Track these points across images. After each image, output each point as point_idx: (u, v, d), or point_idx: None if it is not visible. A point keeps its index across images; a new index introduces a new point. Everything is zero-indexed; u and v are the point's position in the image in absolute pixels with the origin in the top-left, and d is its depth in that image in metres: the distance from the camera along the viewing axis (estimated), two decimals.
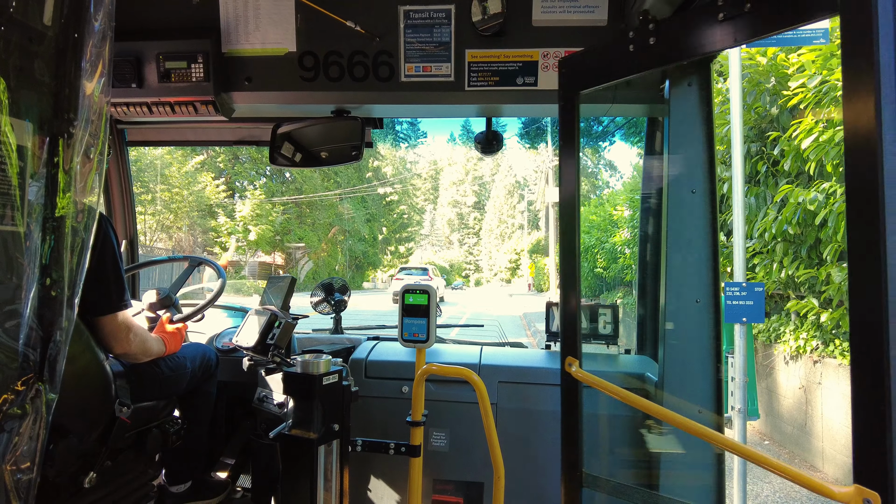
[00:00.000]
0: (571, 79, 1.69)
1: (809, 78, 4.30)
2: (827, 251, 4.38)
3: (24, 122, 0.97)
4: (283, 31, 1.98)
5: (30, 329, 0.99)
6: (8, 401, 0.95)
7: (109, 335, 1.70)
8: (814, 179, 4.62)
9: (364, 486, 2.17)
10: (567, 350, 1.67)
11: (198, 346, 2.23)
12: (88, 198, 1.10)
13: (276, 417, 2.19)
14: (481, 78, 1.95)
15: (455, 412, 2.12)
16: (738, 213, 3.45)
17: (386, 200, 46.37)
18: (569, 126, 1.69)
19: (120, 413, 1.77)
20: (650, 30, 1.51)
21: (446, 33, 1.94)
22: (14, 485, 0.96)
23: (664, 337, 1.80)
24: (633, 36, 1.54)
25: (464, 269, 64.49)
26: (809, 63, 4.33)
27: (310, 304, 2.87)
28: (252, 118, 2.52)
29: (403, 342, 1.90)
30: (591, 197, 34.84)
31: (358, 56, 1.97)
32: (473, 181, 66.26)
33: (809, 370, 4.81)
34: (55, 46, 1.02)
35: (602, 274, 12.91)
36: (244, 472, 2.59)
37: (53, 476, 1.60)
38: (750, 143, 5.65)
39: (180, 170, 23.63)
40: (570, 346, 1.67)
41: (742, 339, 3.39)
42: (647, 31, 1.51)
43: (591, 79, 1.67)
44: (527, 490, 2.04)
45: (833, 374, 4.49)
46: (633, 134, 18.19)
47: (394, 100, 2.02)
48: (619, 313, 2.39)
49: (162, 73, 1.97)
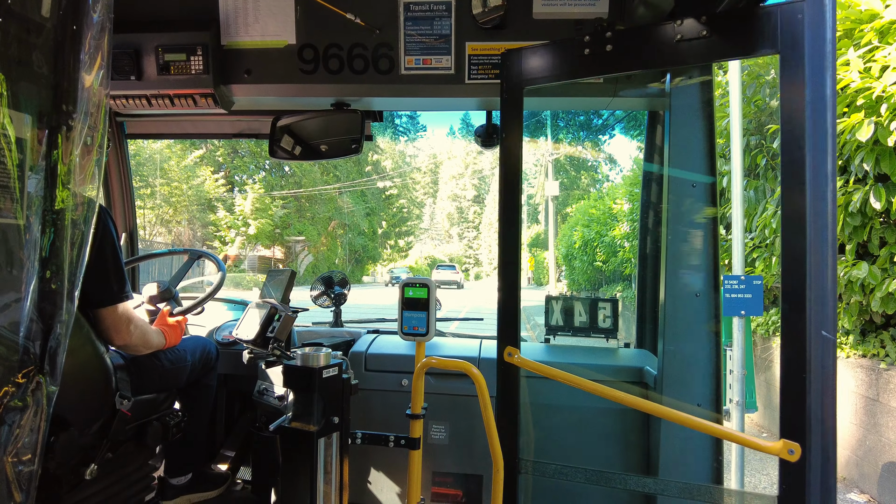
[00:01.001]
0: (517, 73, 1.70)
1: None
2: None
3: (23, 114, 0.96)
4: (282, 23, 1.97)
5: (30, 322, 0.99)
6: (9, 393, 0.95)
7: (110, 327, 1.70)
8: None
9: (364, 478, 2.18)
10: (507, 340, 1.70)
11: (198, 339, 2.24)
12: (88, 190, 1.09)
13: (276, 410, 2.19)
14: (481, 71, 1.94)
15: (454, 405, 2.13)
16: (737, 207, 3.44)
17: (385, 194, 46.30)
18: (512, 121, 1.71)
19: (120, 405, 1.78)
20: (608, 38, 1.55)
21: (446, 26, 1.93)
22: (15, 476, 0.96)
23: (663, 330, 1.80)
24: (588, 41, 1.58)
25: (463, 262, 64.50)
26: None
27: (309, 297, 2.87)
28: (251, 111, 2.52)
29: (403, 335, 1.90)
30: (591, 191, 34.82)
31: (358, 49, 1.96)
32: (473, 175, 66.14)
33: None
34: (54, 38, 1.02)
35: (601, 268, 12.92)
36: (244, 465, 2.60)
37: (54, 468, 1.60)
38: (749, 137, 5.64)
39: (179, 164, 23.58)
40: (511, 336, 1.70)
41: (741, 333, 3.39)
42: (605, 39, 1.56)
43: (539, 76, 1.69)
44: (525, 482, 2.05)
45: None
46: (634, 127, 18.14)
47: (394, 93, 2.01)
48: (619, 307, 2.40)
49: (161, 65, 1.96)
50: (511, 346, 1.69)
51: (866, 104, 3.64)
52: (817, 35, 1.27)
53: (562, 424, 2.10)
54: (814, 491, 1.27)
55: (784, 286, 1.29)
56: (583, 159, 43.47)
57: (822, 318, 1.25)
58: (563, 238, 17.24)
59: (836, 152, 1.44)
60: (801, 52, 1.29)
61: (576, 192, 37.19)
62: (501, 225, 1.71)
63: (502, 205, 1.71)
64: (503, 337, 1.70)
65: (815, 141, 1.26)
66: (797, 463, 1.28)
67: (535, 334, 11.22)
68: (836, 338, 1.22)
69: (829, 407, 1.24)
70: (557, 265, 20.30)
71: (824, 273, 1.25)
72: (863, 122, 3.55)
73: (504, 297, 1.71)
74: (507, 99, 1.71)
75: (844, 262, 4.09)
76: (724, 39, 1.42)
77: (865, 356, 4.17)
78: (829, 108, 1.26)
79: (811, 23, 1.28)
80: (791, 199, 1.29)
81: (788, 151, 1.30)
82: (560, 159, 36.69)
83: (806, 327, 1.26)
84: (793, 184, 1.29)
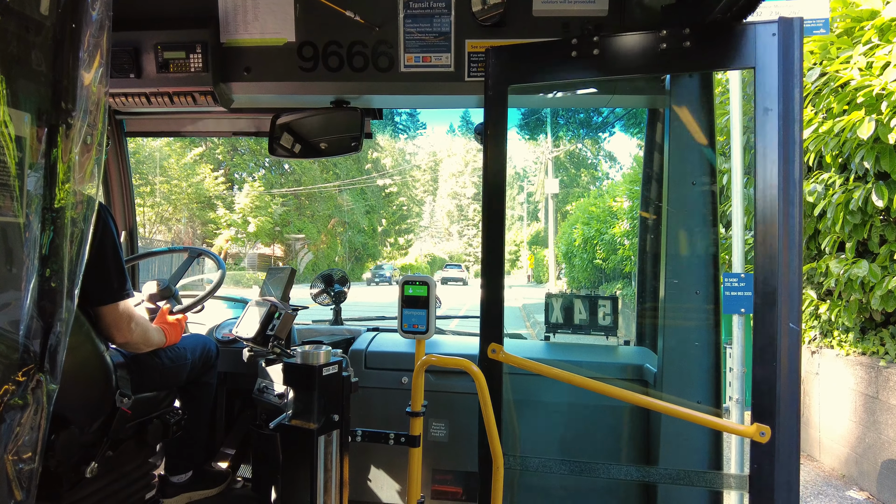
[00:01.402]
0: (502, 71, 1.72)
1: (809, 69, 4.28)
2: (826, 242, 4.38)
3: (22, 112, 0.96)
4: (281, 20, 1.97)
5: (30, 320, 0.99)
6: (9, 391, 0.95)
7: (111, 324, 1.70)
8: (812, 170, 4.61)
9: (364, 475, 2.18)
10: (491, 337, 1.71)
11: (198, 338, 2.24)
12: (87, 188, 1.09)
13: (276, 408, 2.20)
14: (481, 68, 1.94)
15: (454, 403, 2.13)
16: (737, 205, 3.44)
17: (385, 192, 46.27)
18: (496, 118, 1.73)
19: (121, 404, 1.78)
20: (594, 42, 1.61)
21: (446, 23, 1.93)
22: (16, 474, 0.96)
23: (663, 328, 1.80)
24: (576, 43, 1.63)
25: (463, 260, 64.50)
26: (808, 54, 4.31)
27: (309, 295, 2.87)
28: (251, 109, 2.51)
29: (403, 333, 1.90)
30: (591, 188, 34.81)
31: (357, 46, 1.96)
32: (473, 172, 66.06)
33: (807, 360, 4.83)
34: (52, 36, 1.02)
35: (601, 265, 12.91)
36: (245, 463, 2.60)
37: (55, 466, 1.61)
38: (750, 134, 5.64)
39: (179, 161, 23.55)
40: (494, 333, 1.72)
41: (740, 330, 3.39)
42: (592, 43, 1.61)
43: (524, 75, 1.72)
44: (525, 479, 2.06)
45: (831, 364, 4.51)
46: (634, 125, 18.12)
47: (393, 90, 2.01)
48: (619, 305, 2.40)
49: (160, 63, 1.96)
50: (495, 342, 1.70)
51: (867, 102, 3.64)
52: (788, 53, 1.42)
53: (556, 420, 2.10)
54: (782, 468, 1.39)
55: (757, 284, 1.43)
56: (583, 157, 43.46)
57: (791, 312, 1.39)
58: (563, 236, 17.25)
59: (802, 162, 1.70)
60: (774, 67, 1.43)
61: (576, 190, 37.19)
62: (485, 224, 1.73)
63: (486, 204, 1.73)
64: (486, 335, 1.72)
65: (786, 151, 1.40)
66: (767, 444, 1.40)
67: (536, 332, 11.22)
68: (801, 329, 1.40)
69: (795, 392, 1.39)
70: (557, 263, 20.31)
71: (793, 272, 1.40)
72: (863, 119, 3.55)
73: (487, 294, 1.72)
74: (491, 96, 1.73)
75: (844, 260, 4.09)
76: (704, 51, 1.53)
77: (865, 354, 4.18)
78: (797, 120, 1.42)
79: (783, 41, 1.42)
80: (764, 205, 1.42)
81: (762, 160, 1.42)
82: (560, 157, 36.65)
83: (776, 320, 1.39)
84: (766, 191, 1.41)
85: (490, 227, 1.72)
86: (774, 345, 1.39)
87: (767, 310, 1.40)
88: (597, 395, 2.06)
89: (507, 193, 1.81)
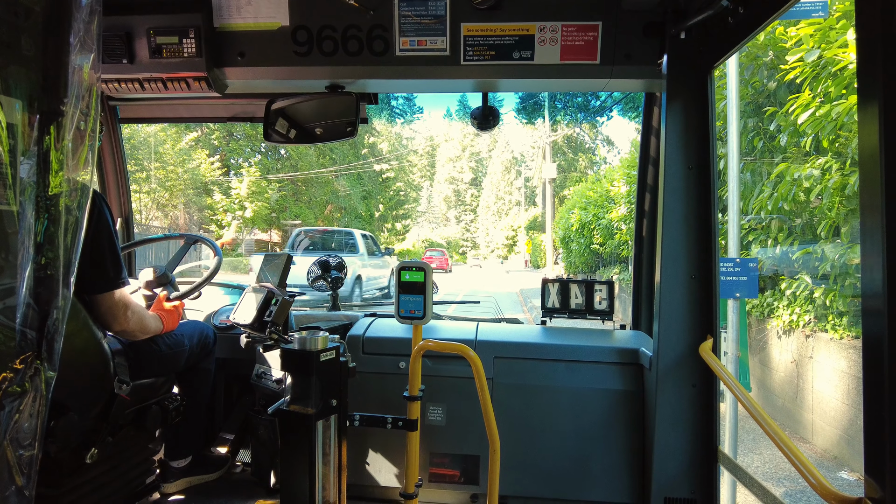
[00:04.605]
0: (705, 47, 1.71)
1: (808, 52, 4.26)
2: (821, 227, 4.39)
3: (13, 99, 0.95)
4: (275, 4, 1.94)
5: (27, 307, 0.99)
6: (7, 379, 0.96)
7: (107, 312, 1.70)
8: (810, 155, 4.61)
9: (362, 460, 2.20)
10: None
11: (195, 324, 2.24)
12: (81, 176, 1.09)
13: (274, 393, 2.21)
14: (477, 52, 1.92)
15: (451, 387, 2.15)
16: (733, 189, 3.44)
17: (382, 177, 46.02)
18: (700, 108, 1.77)
19: (119, 390, 1.79)
20: None
21: (441, 6, 1.90)
22: (16, 461, 0.97)
23: (659, 312, 1.81)
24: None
25: (461, 245, 64.49)
26: (807, 37, 4.28)
27: (306, 280, 2.87)
28: (246, 94, 2.49)
29: (400, 319, 1.91)
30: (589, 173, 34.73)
31: (352, 30, 1.94)
32: (470, 157, 65.78)
33: (801, 344, 4.87)
34: (42, 21, 1.01)
35: (599, 250, 12.94)
36: (244, 447, 2.62)
37: (55, 452, 1.62)
38: (746, 119, 5.62)
39: (174, 147, 23.37)
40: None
41: (736, 315, 3.42)
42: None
43: (726, 46, 1.64)
44: (521, 462, 2.08)
45: (824, 348, 4.55)
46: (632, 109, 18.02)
47: (389, 74, 1.99)
48: (615, 289, 2.41)
49: (153, 48, 1.93)
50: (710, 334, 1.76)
51: None
52: None
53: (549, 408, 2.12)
54: None
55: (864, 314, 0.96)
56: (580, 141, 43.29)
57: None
58: (561, 220, 17.25)
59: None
60: None
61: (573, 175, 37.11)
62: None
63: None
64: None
65: None
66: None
67: (532, 317, 11.28)
68: None
69: None
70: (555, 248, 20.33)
71: None
72: None
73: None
74: (691, 84, 1.77)
75: (840, 245, 4.11)
76: None
77: (858, 338, 4.21)
78: None
79: None
80: None
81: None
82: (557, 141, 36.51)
83: None
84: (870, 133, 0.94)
85: None
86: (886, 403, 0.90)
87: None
88: (589, 381, 2.08)
89: (504, 178, 1.79)
